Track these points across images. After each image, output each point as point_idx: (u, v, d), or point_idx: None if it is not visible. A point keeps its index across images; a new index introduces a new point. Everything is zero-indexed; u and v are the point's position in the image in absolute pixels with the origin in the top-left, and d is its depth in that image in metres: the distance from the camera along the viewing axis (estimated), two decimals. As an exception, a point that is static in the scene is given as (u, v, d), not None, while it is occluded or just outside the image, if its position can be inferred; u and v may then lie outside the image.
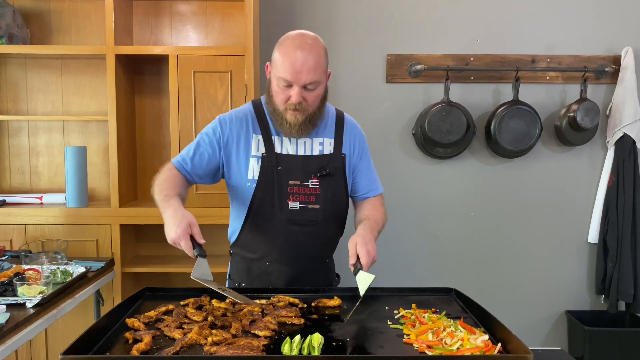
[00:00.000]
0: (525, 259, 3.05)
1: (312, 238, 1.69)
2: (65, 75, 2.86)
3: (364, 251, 1.48)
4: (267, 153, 1.65)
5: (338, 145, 1.72)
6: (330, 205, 1.69)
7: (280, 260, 1.70)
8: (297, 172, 1.66)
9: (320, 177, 1.67)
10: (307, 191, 1.66)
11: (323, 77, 1.60)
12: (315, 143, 1.70)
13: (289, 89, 1.57)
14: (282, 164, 1.65)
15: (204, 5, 2.84)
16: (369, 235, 1.56)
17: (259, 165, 1.65)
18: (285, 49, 1.55)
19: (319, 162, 1.68)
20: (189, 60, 2.56)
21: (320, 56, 1.56)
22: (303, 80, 1.54)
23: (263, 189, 1.65)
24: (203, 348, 1.21)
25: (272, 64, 1.61)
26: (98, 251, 2.60)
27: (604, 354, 2.77)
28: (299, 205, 1.65)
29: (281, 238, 1.67)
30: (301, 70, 1.53)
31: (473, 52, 2.92)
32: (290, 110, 1.59)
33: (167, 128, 2.85)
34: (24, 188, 2.89)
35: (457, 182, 3.00)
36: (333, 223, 1.74)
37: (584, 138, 2.90)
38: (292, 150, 1.68)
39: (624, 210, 2.88)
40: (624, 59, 2.85)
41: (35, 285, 1.84)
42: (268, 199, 1.65)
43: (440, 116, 2.79)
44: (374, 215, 1.71)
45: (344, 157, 1.72)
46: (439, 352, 1.20)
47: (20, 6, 2.79)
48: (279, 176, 1.65)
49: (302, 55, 1.53)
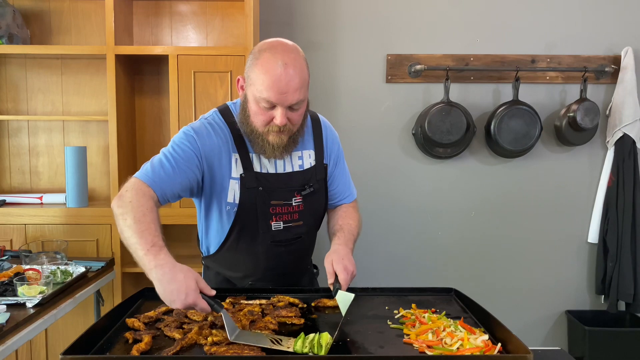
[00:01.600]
0: (525, 259, 3.05)
1: (295, 254, 1.64)
2: (65, 75, 2.86)
3: (340, 268, 1.41)
4: (245, 173, 1.50)
5: (319, 156, 1.61)
6: (312, 220, 1.64)
7: (265, 278, 1.64)
8: (280, 191, 1.53)
9: (304, 195, 1.56)
10: (290, 209, 1.56)
11: (307, 93, 1.45)
12: (294, 158, 1.57)
13: (272, 110, 1.40)
14: (263, 185, 1.52)
15: (204, 5, 2.84)
16: (344, 250, 1.49)
17: (238, 187, 1.50)
18: (265, 66, 1.37)
19: (302, 177, 1.57)
20: (189, 60, 2.56)
21: (303, 71, 1.41)
22: (289, 101, 1.38)
23: (245, 212, 1.52)
24: (203, 348, 1.21)
25: (249, 80, 1.42)
26: (98, 251, 2.60)
27: (604, 354, 2.77)
28: (283, 224, 1.56)
29: (265, 258, 1.60)
30: (287, 91, 1.36)
31: (473, 52, 2.92)
32: (274, 132, 1.43)
33: (167, 128, 2.85)
34: (24, 188, 2.89)
35: (457, 182, 3.00)
36: (313, 231, 1.69)
37: (584, 138, 2.90)
38: (272, 168, 1.54)
39: (624, 210, 2.88)
40: (624, 59, 2.85)
41: (35, 285, 1.84)
42: (250, 222, 1.54)
43: (440, 116, 2.79)
44: (348, 225, 1.62)
45: (326, 167, 1.63)
46: (439, 352, 1.20)
47: (20, 6, 2.79)
48: (260, 197, 1.52)
49: (286, 73, 1.36)
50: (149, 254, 1.26)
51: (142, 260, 1.27)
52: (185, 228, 2.88)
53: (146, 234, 1.30)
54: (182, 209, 2.61)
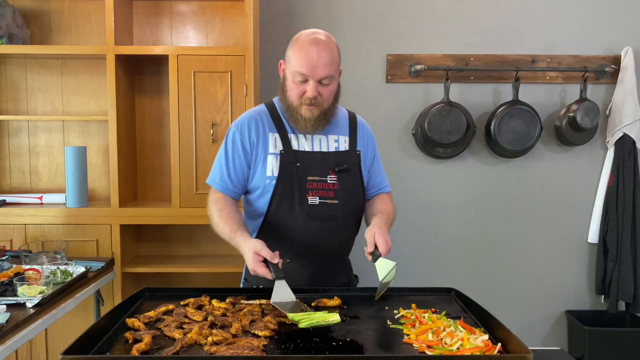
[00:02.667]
0: (525, 258, 3.05)
1: (331, 234, 1.70)
2: (65, 75, 2.85)
3: (382, 240, 1.54)
4: (284, 150, 1.68)
5: (353, 143, 1.76)
6: (348, 201, 1.72)
7: (302, 256, 1.71)
8: (315, 167, 1.68)
9: (338, 172, 1.69)
10: (325, 186, 1.68)
11: (337, 73, 1.64)
12: (331, 140, 1.73)
13: (304, 83, 1.60)
14: (300, 160, 1.68)
15: (204, 5, 2.84)
16: (385, 227, 1.62)
17: (277, 162, 1.67)
18: (301, 45, 1.60)
19: (336, 158, 1.71)
20: (189, 60, 2.56)
21: (334, 52, 1.61)
22: (319, 75, 1.58)
23: (283, 185, 1.66)
24: (203, 348, 1.21)
25: (287, 60, 1.65)
26: (98, 251, 2.60)
27: (604, 354, 2.77)
28: (319, 200, 1.67)
29: (302, 233, 1.68)
30: (317, 65, 1.57)
31: (473, 52, 2.92)
32: (305, 105, 1.62)
33: (167, 128, 2.85)
34: (24, 188, 2.89)
35: (457, 182, 3.00)
36: (351, 219, 1.76)
37: (584, 138, 2.90)
38: (309, 147, 1.70)
39: (624, 210, 2.88)
40: (624, 59, 2.85)
41: (35, 285, 1.84)
42: (288, 195, 1.67)
43: (440, 116, 2.79)
44: (385, 210, 1.75)
45: (359, 154, 1.76)
46: (439, 352, 1.20)
47: (20, 6, 2.79)
48: (297, 172, 1.67)
49: (317, 50, 1.57)
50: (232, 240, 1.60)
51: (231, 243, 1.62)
52: (185, 228, 2.88)
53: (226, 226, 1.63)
54: (182, 209, 2.61)
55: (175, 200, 2.61)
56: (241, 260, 2.33)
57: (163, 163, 2.90)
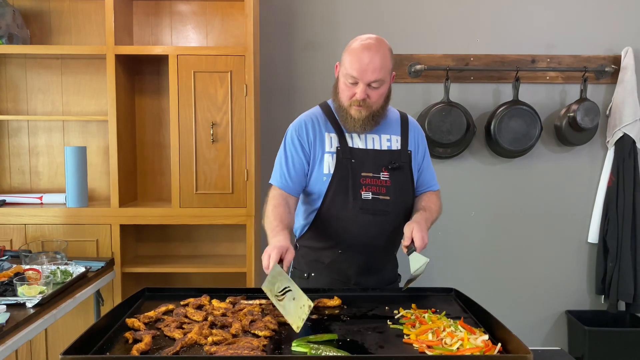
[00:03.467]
0: (525, 259, 3.05)
1: (381, 228, 1.75)
2: (65, 75, 2.85)
3: (419, 236, 1.60)
4: (341, 147, 1.75)
5: (404, 142, 1.82)
6: (399, 197, 1.76)
7: (352, 247, 1.76)
8: (369, 164, 1.74)
9: (390, 169, 1.75)
10: (378, 183, 1.74)
11: (387, 77, 1.69)
12: (383, 139, 1.79)
13: (355, 86, 1.67)
14: (355, 157, 1.74)
15: (204, 5, 2.84)
16: (424, 224, 1.68)
17: (333, 160, 1.74)
18: (354, 49, 1.66)
19: (389, 156, 1.77)
20: (189, 60, 2.56)
21: (385, 57, 1.66)
22: (368, 78, 1.64)
23: (338, 180, 1.73)
24: (203, 348, 1.21)
25: (341, 63, 1.72)
26: (98, 251, 2.60)
27: (604, 354, 2.77)
28: (371, 195, 1.73)
29: (354, 225, 1.74)
30: (367, 69, 1.63)
31: (473, 52, 2.92)
32: (355, 106, 1.68)
33: (167, 128, 2.85)
34: (24, 188, 2.89)
35: (457, 182, 3.00)
36: (400, 215, 1.79)
37: (584, 138, 2.90)
38: (363, 145, 1.77)
39: (624, 210, 2.88)
40: (624, 59, 2.85)
41: (35, 285, 1.84)
42: (342, 189, 1.73)
43: (440, 116, 2.79)
44: (429, 207, 1.81)
45: (410, 153, 1.81)
46: (439, 352, 1.20)
47: (20, 6, 2.79)
48: (352, 168, 1.73)
49: (368, 55, 1.63)
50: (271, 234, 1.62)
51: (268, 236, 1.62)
52: (185, 228, 2.88)
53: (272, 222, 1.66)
54: (182, 209, 2.61)
55: (175, 200, 2.60)
56: (241, 261, 2.36)
57: (163, 163, 2.90)
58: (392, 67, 1.72)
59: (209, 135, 2.59)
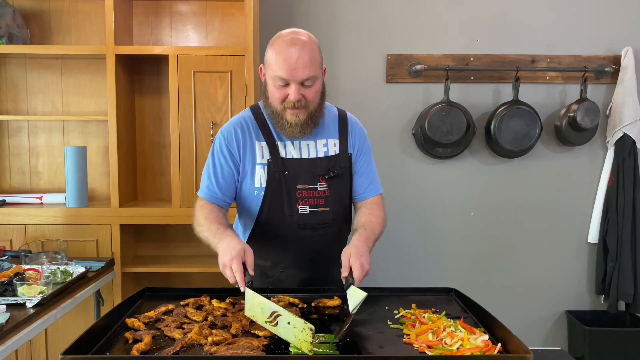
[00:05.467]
0: (525, 259, 3.05)
1: (324, 240, 1.67)
2: (65, 75, 2.85)
3: (357, 264, 1.42)
4: (272, 158, 1.62)
5: (343, 145, 1.69)
6: (340, 207, 1.68)
7: (295, 265, 1.69)
8: (305, 175, 1.63)
9: (328, 179, 1.64)
10: (315, 194, 1.64)
11: (319, 72, 1.57)
12: (319, 145, 1.67)
13: (286, 87, 1.53)
14: (288, 169, 1.62)
15: (204, 5, 2.84)
16: (363, 247, 1.49)
17: (265, 173, 1.62)
18: (279, 47, 1.53)
19: (326, 163, 1.65)
20: (189, 60, 2.56)
21: (314, 51, 1.55)
22: (300, 77, 1.51)
23: (272, 195, 1.62)
24: (203, 348, 1.21)
25: (266, 64, 1.58)
26: (98, 251, 2.60)
27: (604, 354, 2.77)
28: (309, 209, 1.63)
29: (294, 243, 1.65)
30: (296, 67, 1.50)
31: (473, 52, 2.92)
32: (290, 109, 1.55)
33: (167, 128, 2.85)
34: (24, 188, 2.89)
35: (457, 182, 3.00)
36: (342, 223, 1.72)
37: (584, 138, 2.90)
38: (297, 154, 1.64)
39: (624, 210, 2.88)
40: (624, 59, 2.85)
41: (35, 285, 1.84)
42: (277, 205, 1.62)
43: (440, 116, 2.79)
44: (370, 223, 1.64)
45: (349, 157, 1.69)
46: (439, 352, 1.20)
47: (20, 6, 2.79)
48: (286, 181, 1.62)
49: (295, 51, 1.50)
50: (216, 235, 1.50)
51: (213, 244, 1.50)
52: (185, 228, 2.88)
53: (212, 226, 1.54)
54: (182, 209, 2.61)
55: (175, 200, 2.61)
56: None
57: (163, 163, 2.90)
58: (322, 59, 1.59)
59: (209, 135, 2.59)
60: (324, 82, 1.63)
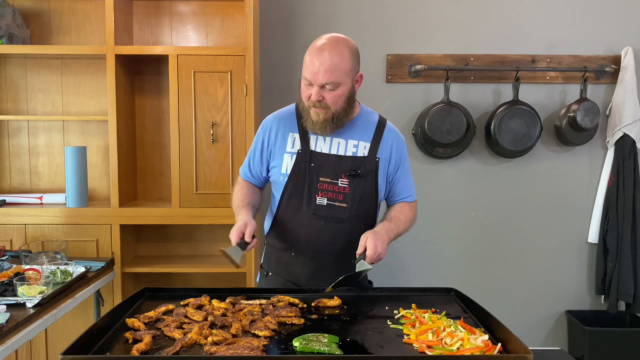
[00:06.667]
0: (525, 259, 3.05)
1: (335, 235, 1.73)
2: (65, 75, 2.85)
3: (372, 245, 1.55)
4: (302, 149, 1.74)
5: (373, 149, 1.76)
6: (358, 206, 1.73)
7: (305, 252, 1.76)
8: (329, 170, 1.72)
9: (349, 176, 1.72)
10: (336, 189, 1.72)
11: (345, 79, 1.64)
12: (350, 145, 1.75)
13: (311, 87, 1.64)
14: (315, 161, 1.73)
15: (204, 5, 2.84)
16: (383, 234, 1.63)
17: (292, 161, 1.74)
18: (310, 50, 1.64)
19: (352, 162, 1.73)
20: (189, 60, 2.56)
21: (341, 57, 1.61)
22: (320, 80, 1.61)
23: (294, 183, 1.73)
24: (203, 348, 1.21)
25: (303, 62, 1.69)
26: (98, 251, 2.60)
27: (604, 354, 2.77)
28: (327, 201, 1.72)
29: (306, 230, 1.74)
30: (318, 71, 1.60)
31: (473, 52, 2.92)
32: (313, 107, 1.66)
33: (167, 128, 2.85)
34: (24, 188, 2.89)
35: (457, 182, 3.00)
36: (359, 223, 1.75)
37: (584, 138, 2.90)
38: (326, 149, 1.74)
39: (624, 210, 2.88)
40: (624, 59, 2.85)
41: (35, 285, 1.84)
42: (297, 192, 1.73)
43: (440, 116, 2.79)
44: (397, 218, 1.77)
45: (377, 161, 1.76)
46: (439, 352, 1.20)
47: (20, 6, 2.79)
48: (310, 172, 1.72)
49: (320, 57, 1.60)
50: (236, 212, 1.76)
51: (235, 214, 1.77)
52: (185, 228, 2.88)
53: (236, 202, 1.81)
54: (182, 209, 2.61)
55: (175, 200, 2.61)
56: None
57: (163, 163, 2.90)
58: (354, 68, 1.66)
59: (209, 135, 2.59)
60: (353, 88, 1.70)
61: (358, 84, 1.72)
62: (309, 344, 1.21)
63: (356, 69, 1.68)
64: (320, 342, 1.22)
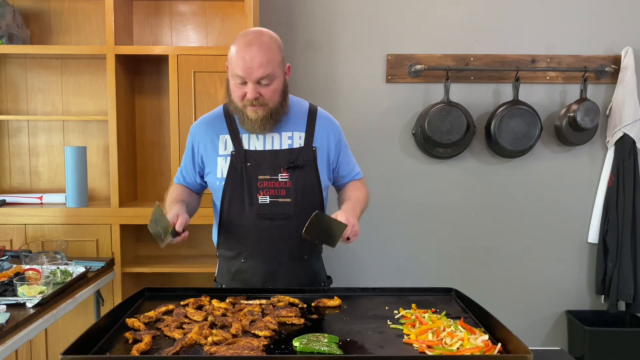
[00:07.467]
0: (525, 259, 3.04)
1: (284, 233, 1.68)
2: (65, 75, 2.85)
3: (343, 217, 1.52)
4: (235, 150, 1.70)
5: (309, 139, 1.73)
6: (302, 198, 1.70)
7: (254, 256, 1.72)
8: (266, 166, 1.68)
9: (289, 169, 1.68)
10: (277, 185, 1.68)
11: (278, 71, 1.61)
12: (284, 137, 1.72)
13: (244, 85, 1.59)
14: (250, 160, 1.69)
15: (204, 5, 2.84)
16: (352, 211, 1.60)
17: (227, 164, 1.69)
18: (237, 47, 1.58)
19: (289, 155, 1.70)
20: (189, 60, 2.56)
21: (272, 51, 1.58)
22: (255, 76, 1.56)
23: (232, 185, 1.69)
24: (203, 348, 1.21)
25: (228, 62, 1.63)
26: (98, 251, 2.60)
27: (604, 354, 2.77)
28: (269, 199, 1.68)
29: (253, 233, 1.70)
30: (252, 66, 1.55)
31: (473, 52, 2.92)
32: (249, 106, 1.61)
33: (167, 128, 2.85)
34: (24, 188, 2.89)
35: (457, 182, 3.00)
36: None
37: (584, 138, 2.90)
38: (260, 146, 1.71)
39: (624, 210, 2.88)
40: (624, 59, 2.85)
41: (35, 285, 1.84)
42: (238, 195, 1.69)
43: (440, 116, 2.79)
44: (355, 195, 1.74)
45: (314, 150, 1.72)
46: (439, 352, 1.20)
47: (20, 6, 2.79)
48: (248, 172, 1.68)
49: (252, 51, 1.55)
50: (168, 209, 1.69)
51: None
52: (185, 228, 2.88)
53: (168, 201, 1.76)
54: (182, 209, 2.60)
55: (175, 200, 2.60)
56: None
57: (163, 163, 2.90)
58: (283, 59, 1.64)
59: (209, 135, 2.59)
60: (285, 81, 1.67)
61: (288, 75, 1.69)
62: (309, 344, 1.21)
63: (285, 60, 1.66)
64: (320, 342, 1.22)
